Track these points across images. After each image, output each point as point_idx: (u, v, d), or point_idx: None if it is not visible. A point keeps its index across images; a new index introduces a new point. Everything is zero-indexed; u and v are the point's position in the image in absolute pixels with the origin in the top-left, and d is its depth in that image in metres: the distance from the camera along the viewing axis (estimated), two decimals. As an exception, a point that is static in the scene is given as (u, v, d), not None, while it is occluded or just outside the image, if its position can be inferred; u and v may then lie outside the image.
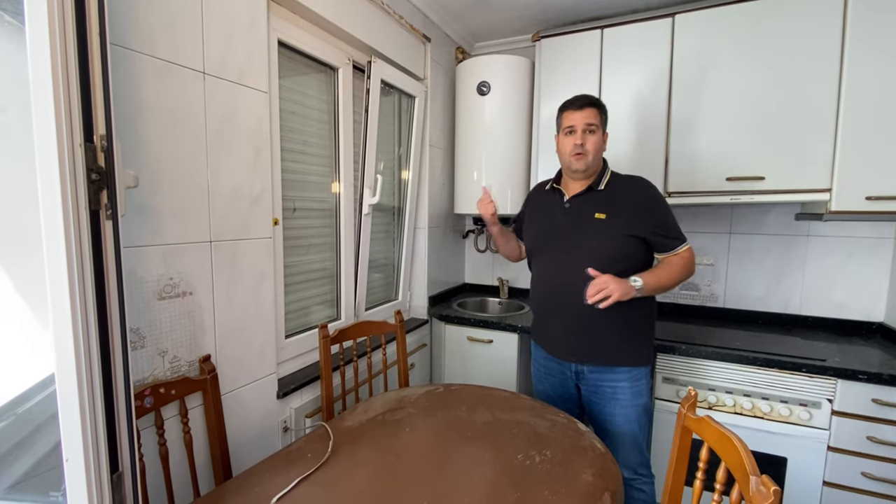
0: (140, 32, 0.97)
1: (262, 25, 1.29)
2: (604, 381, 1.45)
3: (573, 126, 1.43)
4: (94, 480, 0.62)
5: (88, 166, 0.60)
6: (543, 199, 1.62)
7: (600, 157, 1.47)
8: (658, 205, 1.43)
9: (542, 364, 1.62)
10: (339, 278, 1.85)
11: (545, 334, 1.58)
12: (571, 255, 1.44)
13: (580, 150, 1.42)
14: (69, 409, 0.60)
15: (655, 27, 1.94)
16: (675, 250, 1.41)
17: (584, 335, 1.44)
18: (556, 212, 1.53)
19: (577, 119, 1.42)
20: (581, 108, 1.43)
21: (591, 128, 1.42)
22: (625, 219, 1.40)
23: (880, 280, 1.92)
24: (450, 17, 2.29)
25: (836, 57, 1.67)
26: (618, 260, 1.39)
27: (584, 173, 1.46)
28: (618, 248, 1.40)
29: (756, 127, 1.80)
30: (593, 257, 1.38)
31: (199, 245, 1.13)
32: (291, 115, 1.56)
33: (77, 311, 0.59)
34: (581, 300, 1.32)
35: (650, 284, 1.35)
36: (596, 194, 1.46)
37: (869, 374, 1.48)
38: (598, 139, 1.43)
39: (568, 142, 1.45)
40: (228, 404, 1.25)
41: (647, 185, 1.46)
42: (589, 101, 1.44)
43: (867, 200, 1.65)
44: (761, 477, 0.69)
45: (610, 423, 1.46)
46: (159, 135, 1.02)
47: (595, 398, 1.48)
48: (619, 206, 1.42)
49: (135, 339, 0.99)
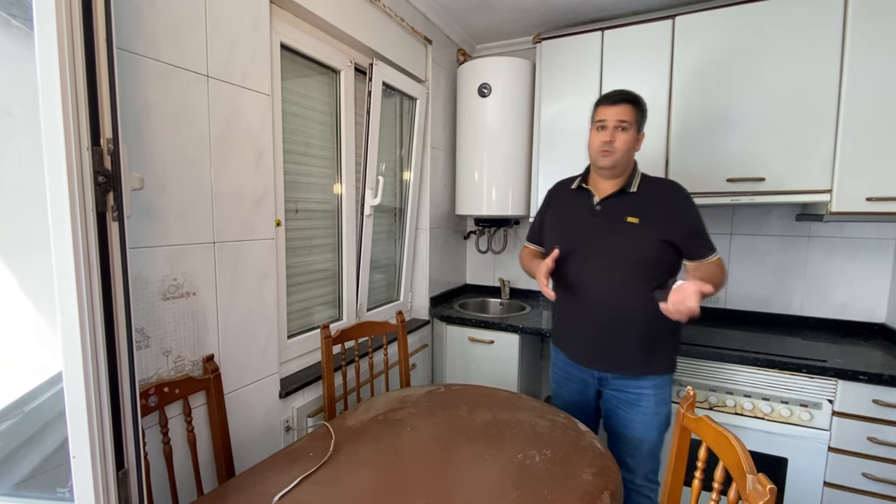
0: (145, 37, 0.99)
1: (265, 29, 1.31)
2: (628, 387, 1.40)
3: (604, 121, 1.36)
4: (101, 477, 0.63)
5: (95, 169, 0.61)
6: (569, 199, 1.53)
7: (631, 157, 1.40)
8: (692, 210, 1.37)
9: (562, 369, 1.57)
10: (341, 279, 1.86)
11: (568, 340, 1.53)
12: (601, 260, 1.38)
13: (608, 147, 1.35)
14: (76, 407, 0.62)
15: (656, 29, 1.95)
16: (707, 258, 1.36)
17: (611, 344, 1.39)
18: (584, 213, 1.45)
19: (610, 114, 1.35)
20: (615, 104, 1.35)
21: (623, 125, 1.34)
22: (658, 223, 1.34)
23: (882, 281, 1.92)
24: (451, 20, 2.30)
25: (836, 58, 1.67)
26: (649, 266, 1.34)
27: (611, 171, 1.39)
28: (650, 253, 1.34)
29: (756, 128, 1.80)
30: (625, 263, 1.34)
31: (202, 246, 1.14)
32: (294, 118, 1.58)
33: (84, 310, 0.60)
34: (610, 309, 1.32)
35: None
36: (628, 197, 1.39)
37: (869, 374, 1.49)
38: (629, 138, 1.35)
39: (597, 137, 1.38)
40: (231, 403, 1.26)
41: (679, 188, 1.40)
42: (624, 97, 1.36)
43: (868, 201, 1.65)
44: (758, 475, 0.69)
45: (630, 429, 1.41)
46: (164, 137, 1.04)
47: (617, 404, 1.43)
48: (652, 210, 1.36)
49: (139, 339, 1.01)
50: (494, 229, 2.68)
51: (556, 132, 2.19)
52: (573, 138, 2.15)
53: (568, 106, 2.16)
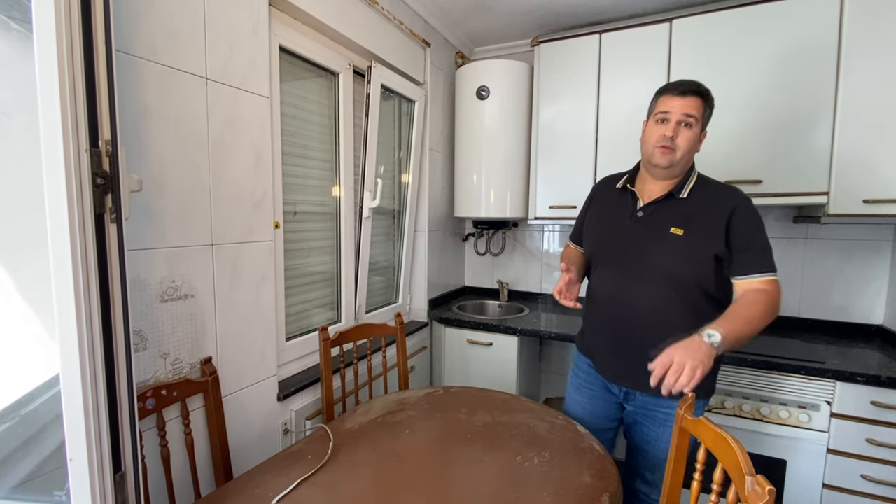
0: (144, 39, 0.99)
1: (264, 32, 1.31)
2: (658, 406, 1.27)
3: (668, 114, 1.19)
4: (98, 480, 0.63)
5: (94, 171, 0.61)
6: (613, 200, 1.39)
7: (691, 158, 1.24)
8: (750, 218, 1.18)
9: (584, 374, 1.46)
10: (340, 281, 1.86)
11: (597, 351, 1.41)
12: (637, 274, 1.24)
13: (668, 143, 1.18)
14: (73, 410, 0.61)
15: (653, 32, 1.96)
16: (757, 275, 1.14)
17: (644, 364, 1.17)
18: (625, 218, 1.31)
19: (675, 106, 1.18)
20: (683, 95, 1.18)
21: (690, 120, 1.18)
22: (705, 235, 1.17)
23: (879, 283, 1.92)
24: (450, 23, 2.31)
25: (832, 61, 1.68)
26: (693, 285, 1.19)
27: (667, 171, 1.23)
28: (693, 270, 1.18)
29: (753, 130, 1.81)
30: (664, 280, 1.20)
31: (201, 248, 1.14)
32: (292, 120, 1.58)
33: (82, 312, 0.60)
34: (646, 330, 1.19)
35: (731, 336, 1.03)
36: (675, 203, 1.23)
37: (867, 376, 1.49)
38: (693, 135, 1.19)
39: (657, 131, 1.21)
40: (229, 406, 1.25)
41: (738, 193, 1.21)
42: (695, 89, 1.19)
43: (865, 203, 1.66)
44: (756, 477, 0.69)
45: (654, 446, 1.29)
46: (162, 139, 1.04)
47: (643, 420, 1.31)
48: (701, 220, 1.19)
49: (137, 342, 1.01)
50: (493, 231, 2.68)
51: (555, 135, 2.20)
52: (571, 141, 2.16)
53: (566, 109, 2.17)
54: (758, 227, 1.18)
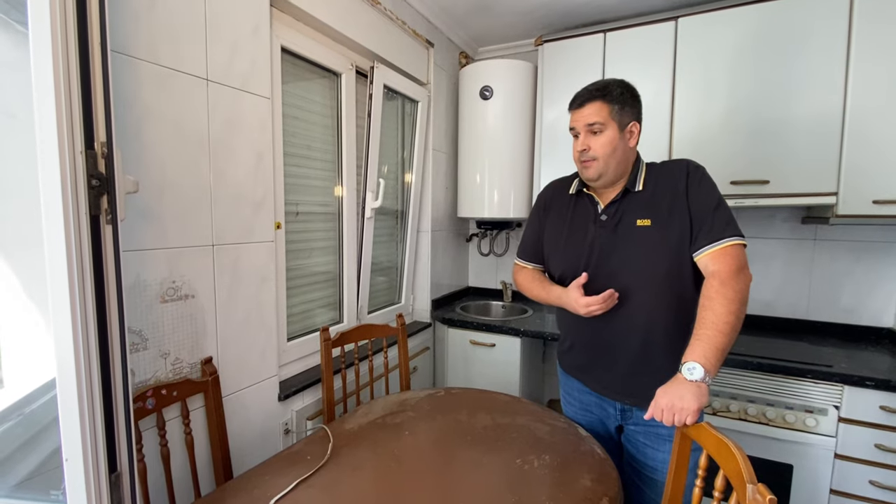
0: (144, 41, 0.99)
1: (265, 33, 1.31)
2: (657, 421, 1.13)
3: (574, 129, 1.20)
4: (93, 480, 0.63)
5: (89, 172, 0.61)
6: (569, 207, 1.31)
7: (621, 159, 1.17)
8: (705, 185, 1.13)
9: (577, 398, 1.37)
10: (342, 282, 1.86)
11: (585, 367, 1.32)
12: (617, 277, 1.17)
13: (585, 156, 1.17)
14: (69, 410, 0.62)
15: (659, 30, 1.94)
16: (717, 242, 1.07)
17: (639, 373, 1.18)
18: (588, 223, 1.24)
19: (578, 120, 1.18)
20: (580, 107, 1.17)
21: (595, 128, 1.15)
22: (671, 215, 1.12)
23: (889, 285, 1.89)
24: (453, 23, 2.30)
25: (841, 59, 1.65)
26: (675, 276, 1.13)
27: (602, 181, 1.19)
28: (671, 259, 1.12)
29: (761, 130, 1.78)
30: (645, 277, 1.14)
31: (201, 249, 1.15)
32: (294, 120, 1.58)
33: (77, 312, 0.60)
34: (634, 333, 1.15)
35: (712, 358, 0.96)
36: (635, 196, 1.19)
37: (876, 380, 1.46)
38: (607, 139, 1.15)
39: (574, 148, 1.21)
40: (230, 406, 1.26)
41: (688, 164, 1.16)
42: (589, 96, 1.16)
43: (874, 204, 1.63)
44: (758, 485, 0.68)
45: (661, 472, 1.18)
46: (163, 141, 1.04)
47: (645, 440, 1.22)
48: (664, 202, 1.14)
49: (137, 342, 1.01)
50: (496, 232, 2.67)
51: (558, 135, 2.18)
52: (575, 141, 2.14)
53: (570, 108, 2.15)
54: (714, 188, 1.13)
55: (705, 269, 1.09)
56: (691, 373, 0.96)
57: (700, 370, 0.95)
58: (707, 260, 1.08)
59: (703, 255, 1.09)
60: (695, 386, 0.95)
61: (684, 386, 0.95)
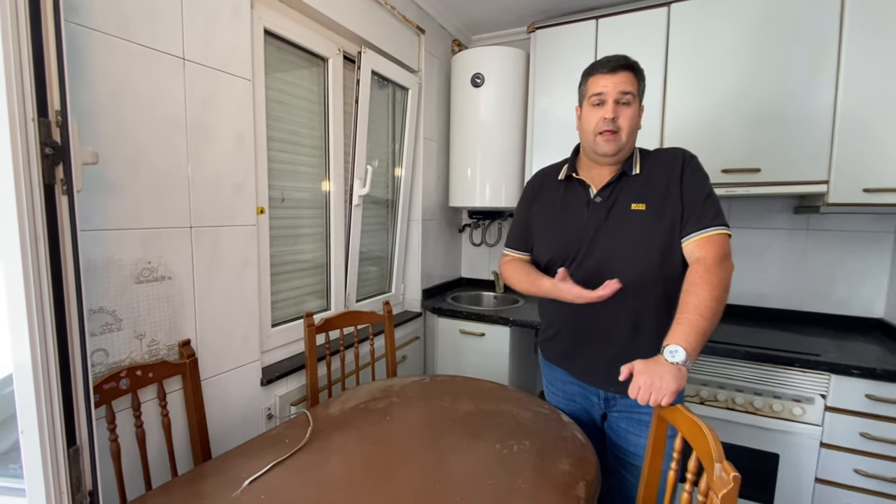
0: (116, 16, 0.98)
1: (246, 13, 1.30)
2: (640, 407, 1.15)
3: (602, 95, 1.10)
4: (50, 453, 0.62)
5: (42, 141, 0.60)
6: (559, 193, 1.27)
7: (635, 138, 1.15)
8: (699, 172, 1.13)
9: (561, 388, 1.35)
10: (329, 269, 1.85)
11: (570, 355, 1.29)
12: (609, 263, 1.14)
13: (611, 125, 1.09)
14: (23, 382, 0.61)
15: (651, 17, 1.91)
16: (711, 229, 1.07)
17: (627, 360, 1.12)
18: (581, 208, 1.21)
19: (609, 85, 1.09)
20: (614, 72, 1.09)
21: (627, 98, 1.09)
22: (665, 200, 1.12)
23: (880, 275, 1.87)
24: (445, 9, 2.28)
25: (833, 46, 1.63)
26: (668, 261, 1.12)
27: (614, 158, 1.14)
28: (664, 244, 1.11)
29: (752, 117, 1.76)
30: (639, 261, 1.12)
31: (178, 230, 1.14)
32: (280, 105, 1.56)
33: (31, 284, 0.59)
34: (625, 319, 1.14)
35: (694, 342, 0.96)
36: (630, 180, 1.16)
37: (862, 368, 1.45)
38: (633, 113, 1.11)
39: (594, 115, 1.12)
40: (210, 389, 1.25)
41: (682, 153, 1.16)
42: (625, 63, 1.10)
43: (865, 192, 1.61)
44: (724, 463, 0.67)
45: (640, 457, 1.17)
46: (137, 118, 1.03)
47: (627, 427, 1.22)
48: (658, 188, 1.13)
49: (111, 322, 1.00)
50: (489, 222, 2.66)
51: (551, 123, 2.16)
52: (567, 130, 2.12)
53: (562, 97, 2.13)
54: (706, 179, 1.13)
55: (691, 255, 1.09)
56: (673, 355, 0.95)
57: (682, 353, 0.94)
58: (693, 246, 1.08)
59: (690, 242, 1.09)
60: (675, 368, 0.94)
61: (664, 367, 0.95)
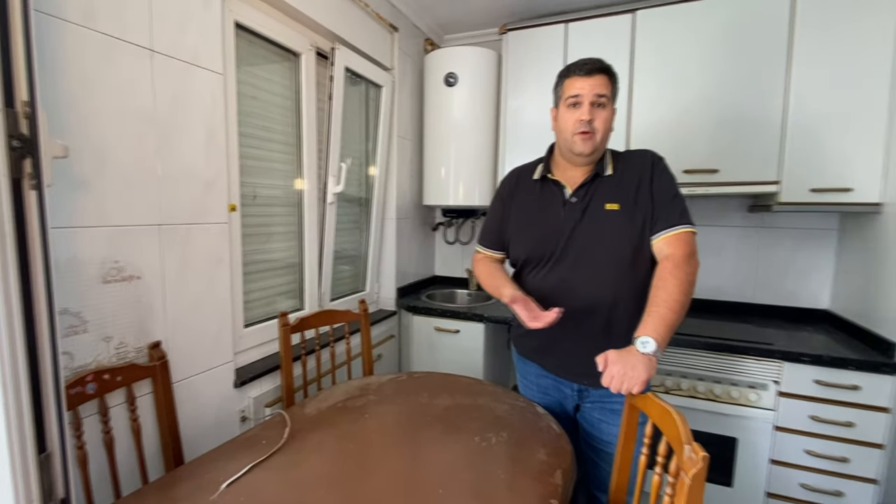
0: (81, 5, 0.94)
1: (217, 5, 1.26)
2: (612, 396, 1.21)
3: (579, 97, 1.15)
4: (19, 459, 0.60)
5: (9, 133, 0.57)
6: (534, 193, 1.30)
7: (608, 139, 1.21)
8: (667, 172, 1.19)
9: (535, 382, 1.38)
10: (303, 268, 1.83)
11: (545, 351, 1.32)
12: (584, 261, 1.19)
13: (587, 127, 1.14)
14: (-10, 386, 0.58)
15: (617, 23, 1.99)
16: (673, 228, 1.13)
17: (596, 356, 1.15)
18: (557, 207, 1.25)
19: (585, 88, 1.14)
20: (590, 74, 1.14)
21: (602, 100, 1.14)
22: (637, 201, 1.17)
23: (826, 269, 2.02)
24: (418, 8, 2.28)
25: (783, 56, 1.75)
26: (642, 259, 1.17)
27: (589, 158, 1.19)
28: (636, 242, 1.16)
29: (711, 121, 1.86)
30: (614, 260, 1.17)
31: (146, 228, 1.10)
32: (252, 100, 1.53)
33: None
34: (600, 315, 1.18)
35: (664, 333, 1.01)
36: (604, 181, 1.21)
37: (811, 356, 1.56)
38: (609, 115, 1.16)
39: (571, 116, 1.16)
40: (181, 392, 1.22)
41: (651, 154, 1.22)
42: (600, 67, 1.15)
43: (812, 192, 1.73)
44: (693, 444, 0.72)
45: (613, 445, 1.20)
46: (103, 111, 0.99)
47: (600, 416, 1.25)
48: (630, 188, 1.18)
49: (76, 324, 0.96)
50: (462, 220, 2.68)
51: (522, 123, 2.21)
52: (538, 130, 2.17)
53: (533, 97, 2.17)
54: (673, 179, 1.19)
55: (660, 252, 1.15)
56: (644, 346, 1.00)
57: (653, 344, 1.00)
58: (662, 244, 1.14)
59: (660, 240, 1.15)
60: (646, 358, 0.99)
61: (636, 357, 0.99)
